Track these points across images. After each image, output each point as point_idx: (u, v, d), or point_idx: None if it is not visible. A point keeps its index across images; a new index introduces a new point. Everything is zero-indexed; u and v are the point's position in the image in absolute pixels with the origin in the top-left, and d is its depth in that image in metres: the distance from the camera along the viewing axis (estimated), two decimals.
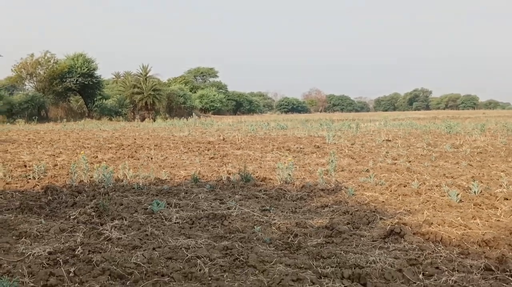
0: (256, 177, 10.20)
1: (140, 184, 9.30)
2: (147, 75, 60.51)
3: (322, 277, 4.51)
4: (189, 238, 5.83)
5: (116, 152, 16.22)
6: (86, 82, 55.82)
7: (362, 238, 5.78)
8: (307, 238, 5.81)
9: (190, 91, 75.61)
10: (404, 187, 8.84)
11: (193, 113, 53.01)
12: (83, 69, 55.22)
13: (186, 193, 8.59)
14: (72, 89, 57.44)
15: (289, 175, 9.72)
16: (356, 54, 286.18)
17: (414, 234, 5.77)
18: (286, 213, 7.10)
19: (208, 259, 5.00)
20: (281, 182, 9.52)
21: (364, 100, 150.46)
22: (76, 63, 55.53)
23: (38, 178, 10.28)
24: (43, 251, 5.21)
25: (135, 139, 22.16)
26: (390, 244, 5.50)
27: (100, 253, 5.16)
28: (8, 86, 60.02)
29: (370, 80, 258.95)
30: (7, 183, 9.63)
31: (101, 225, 6.38)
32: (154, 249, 5.35)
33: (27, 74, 56.92)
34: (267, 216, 6.87)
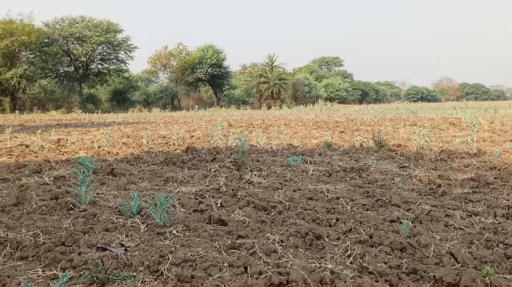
0: (391, 144, 9.94)
1: (274, 148, 9.46)
2: (273, 65, 61.42)
3: (473, 215, 4.28)
4: (327, 184, 5.82)
5: (246, 129, 16.66)
6: (215, 73, 58.02)
7: None
8: (452, 188, 5.53)
9: (315, 80, 75.47)
10: None
11: (319, 101, 52.89)
12: (213, 60, 57.42)
13: (320, 154, 8.60)
14: (202, 80, 60.02)
15: (426, 141, 9.35)
16: (493, 36, 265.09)
17: None
18: (426, 169, 6.83)
19: (349, 199, 4.96)
20: (417, 148, 9.19)
21: (501, 89, 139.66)
22: (206, 54, 57.91)
23: (178, 144, 10.86)
24: (190, 189, 5.49)
25: (263, 120, 22.59)
26: None
27: (244, 189, 5.33)
28: (144, 79, 64.37)
29: (507, 66, 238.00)
30: (150, 147, 10.28)
31: (240, 175, 6.59)
32: (294, 191, 5.41)
33: (161, 66, 60.53)
34: (406, 171, 6.66)
